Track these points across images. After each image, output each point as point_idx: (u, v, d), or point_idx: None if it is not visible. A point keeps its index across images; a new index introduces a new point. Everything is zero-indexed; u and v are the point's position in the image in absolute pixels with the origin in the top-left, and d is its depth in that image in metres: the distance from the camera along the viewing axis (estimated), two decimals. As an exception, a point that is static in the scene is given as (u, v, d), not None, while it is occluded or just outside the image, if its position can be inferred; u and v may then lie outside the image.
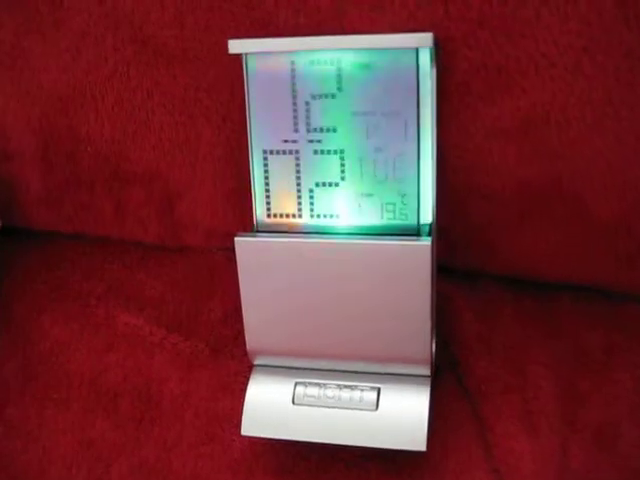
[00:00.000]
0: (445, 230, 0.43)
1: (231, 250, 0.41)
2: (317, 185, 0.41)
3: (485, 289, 0.48)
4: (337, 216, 0.41)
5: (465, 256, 0.47)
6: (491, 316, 0.47)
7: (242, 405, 0.42)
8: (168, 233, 0.51)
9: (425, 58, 0.38)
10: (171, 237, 0.51)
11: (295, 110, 0.40)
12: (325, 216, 0.41)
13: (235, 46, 0.39)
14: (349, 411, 0.41)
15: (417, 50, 0.38)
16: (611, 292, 0.47)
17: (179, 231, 0.51)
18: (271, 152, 0.41)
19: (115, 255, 0.54)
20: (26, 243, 0.56)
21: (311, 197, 0.41)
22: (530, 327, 0.47)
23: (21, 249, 0.56)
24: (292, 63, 0.39)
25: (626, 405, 0.43)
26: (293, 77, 0.40)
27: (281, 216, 0.42)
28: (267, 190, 0.42)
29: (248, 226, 0.45)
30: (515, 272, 0.47)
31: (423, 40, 0.37)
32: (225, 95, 0.44)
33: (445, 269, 0.45)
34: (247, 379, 0.43)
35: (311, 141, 0.40)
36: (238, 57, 0.40)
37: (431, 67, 0.38)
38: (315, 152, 0.40)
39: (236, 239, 0.40)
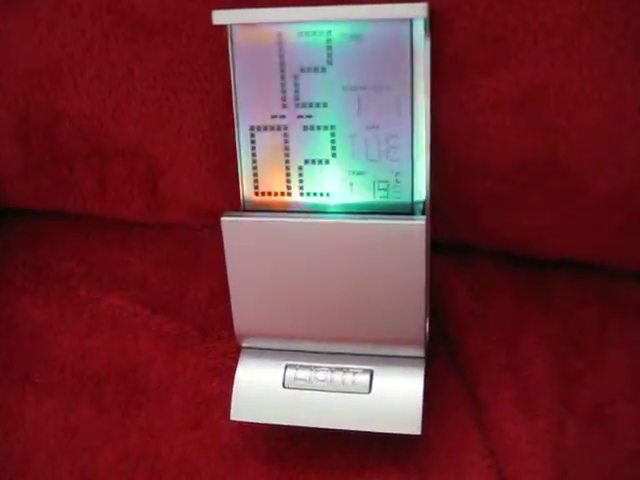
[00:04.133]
0: (439, 205, 0.42)
1: (217, 227, 0.39)
2: (307, 162, 0.39)
3: (479, 265, 0.47)
4: (328, 194, 0.40)
5: (459, 231, 0.46)
6: (485, 292, 0.46)
7: (231, 388, 0.41)
8: (152, 210, 0.49)
9: (419, 29, 0.37)
10: (155, 214, 0.50)
11: (283, 84, 0.39)
12: (315, 194, 0.40)
13: (220, 17, 0.38)
14: (341, 394, 0.40)
15: (411, 21, 0.36)
16: (607, 268, 0.46)
17: (163, 208, 0.49)
18: (258, 128, 0.40)
19: (97, 233, 0.52)
20: (4, 221, 0.54)
21: (300, 175, 0.40)
22: (525, 303, 0.46)
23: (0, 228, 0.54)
24: (279, 35, 0.38)
25: (621, 383, 0.43)
26: (281, 50, 0.38)
27: (269, 194, 0.41)
28: (254, 168, 0.40)
29: (234, 202, 0.43)
30: (510, 247, 0.46)
31: (418, 10, 0.36)
32: (209, 68, 0.43)
33: (438, 245, 0.44)
34: (235, 361, 0.42)
35: (300, 117, 0.39)
36: (222, 28, 0.38)
37: (425, 38, 0.37)
38: (304, 128, 0.39)
39: (222, 219, 0.39)
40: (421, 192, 0.39)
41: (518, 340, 0.44)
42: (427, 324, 0.41)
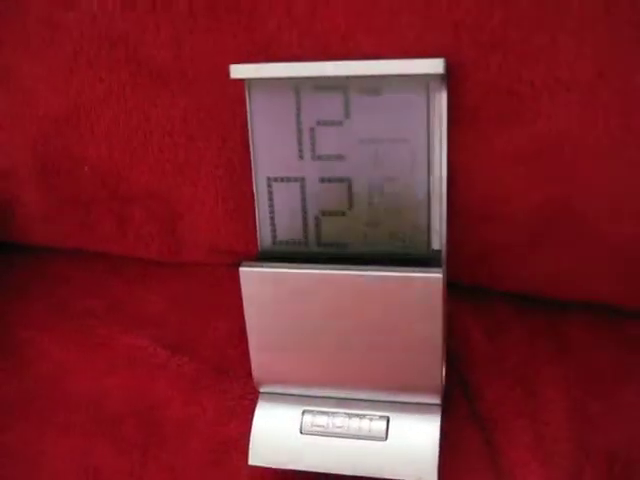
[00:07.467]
0: (454, 250, 0.42)
1: (233, 266, 0.39)
2: (323, 214, 0.40)
3: (495, 308, 0.47)
4: (344, 245, 0.40)
5: (474, 275, 0.46)
6: (501, 335, 0.46)
7: (248, 430, 0.42)
8: (170, 251, 0.50)
9: (436, 84, 0.37)
10: (173, 254, 0.50)
11: (300, 137, 0.39)
12: (332, 245, 0.40)
13: (237, 71, 0.38)
14: (358, 441, 0.40)
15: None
16: (623, 310, 0.46)
17: (181, 249, 0.50)
18: (275, 179, 0.40)
19: (115, 271, 0.53)
20: (24, 259, 0.55)
21: (317, 225, 0.40)
22: (540, 346, 0.46)
23: (19, 266, 0.55)
24: (297, 88, 0.38)
25: (638, 428, 0.43)
26: (298, 103, 0.38)
27: (287, 243, 0.41)
28: (272, 217, 0.40)
29: (250, 243, 0.44)
30: (525, 290, 0.46)
31: (434, 66, 0.36)
32: (225, 116, 0.43)
33: (454, 286, 0.44)
34: (252, 402, 0.42)
35: (317, 169, 0.39)
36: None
37: (442, 92, 0.37)
38: (321, 180, 0.39)
39: (241, 269, 0.39)
40: (437, 242, 0.39)
41: (534, 384, 0.44)
42: (443, 371, 0.41)
